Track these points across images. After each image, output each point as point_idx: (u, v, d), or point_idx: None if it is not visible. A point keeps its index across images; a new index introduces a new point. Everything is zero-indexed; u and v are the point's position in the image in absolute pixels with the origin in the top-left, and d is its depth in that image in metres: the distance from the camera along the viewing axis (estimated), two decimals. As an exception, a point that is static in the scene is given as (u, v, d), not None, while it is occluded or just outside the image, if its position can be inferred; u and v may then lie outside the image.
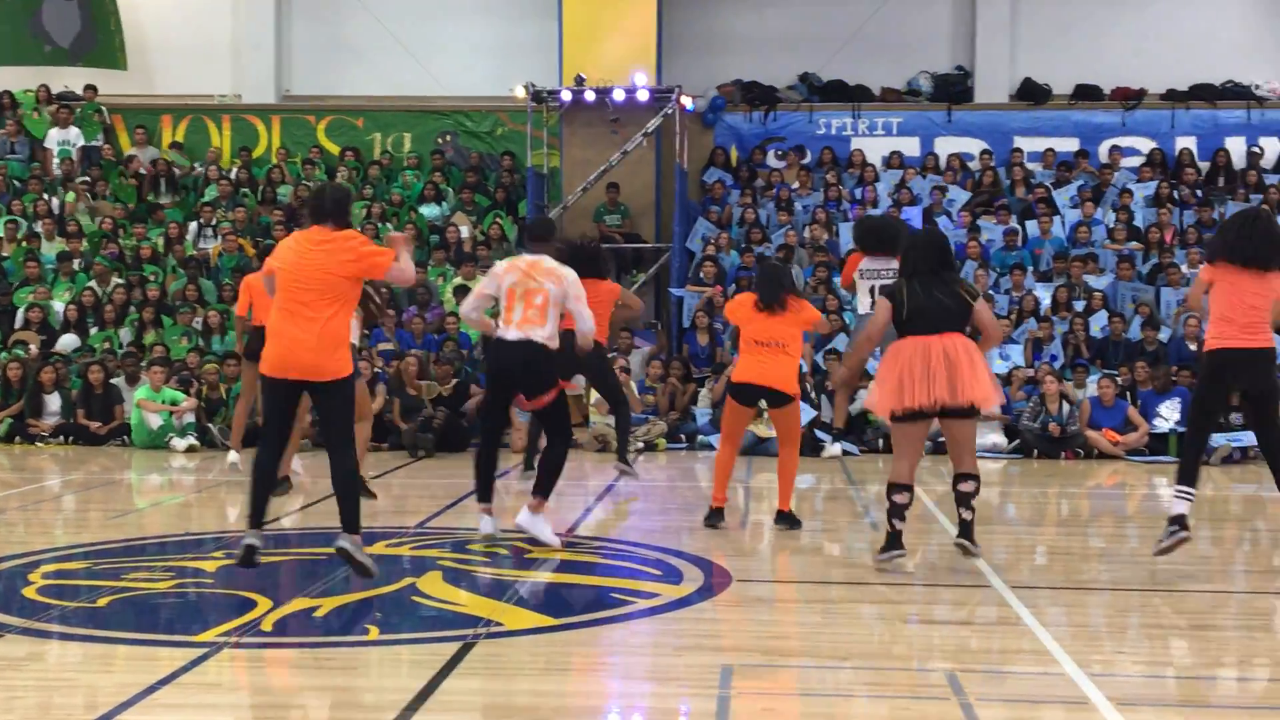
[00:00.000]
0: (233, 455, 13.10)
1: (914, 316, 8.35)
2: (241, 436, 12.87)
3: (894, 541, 8.55)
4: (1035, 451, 15.68)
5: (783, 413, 10.04)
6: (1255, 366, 8.32)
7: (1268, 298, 8.31)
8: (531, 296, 9.09)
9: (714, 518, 10.22)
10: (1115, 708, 5.73)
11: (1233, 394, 8.84)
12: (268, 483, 8.04)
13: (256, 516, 7.88)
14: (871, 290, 11.50)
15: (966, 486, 8.57)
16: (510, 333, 9.12)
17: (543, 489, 9.27)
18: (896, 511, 8.53)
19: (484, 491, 9.48)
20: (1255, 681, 6.48)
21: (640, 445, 15.97)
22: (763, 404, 10.14)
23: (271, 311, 7.83)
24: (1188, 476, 8.49)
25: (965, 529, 8.61)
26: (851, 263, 12.08)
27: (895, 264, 10.16)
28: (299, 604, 7.55)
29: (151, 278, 19.27)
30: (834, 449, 15.32)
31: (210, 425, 16.23)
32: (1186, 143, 21.26)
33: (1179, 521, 8.45)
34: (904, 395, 8.25)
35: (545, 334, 9.09)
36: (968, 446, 8.58)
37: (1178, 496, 8.50)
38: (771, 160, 21.74)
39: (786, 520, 10.17)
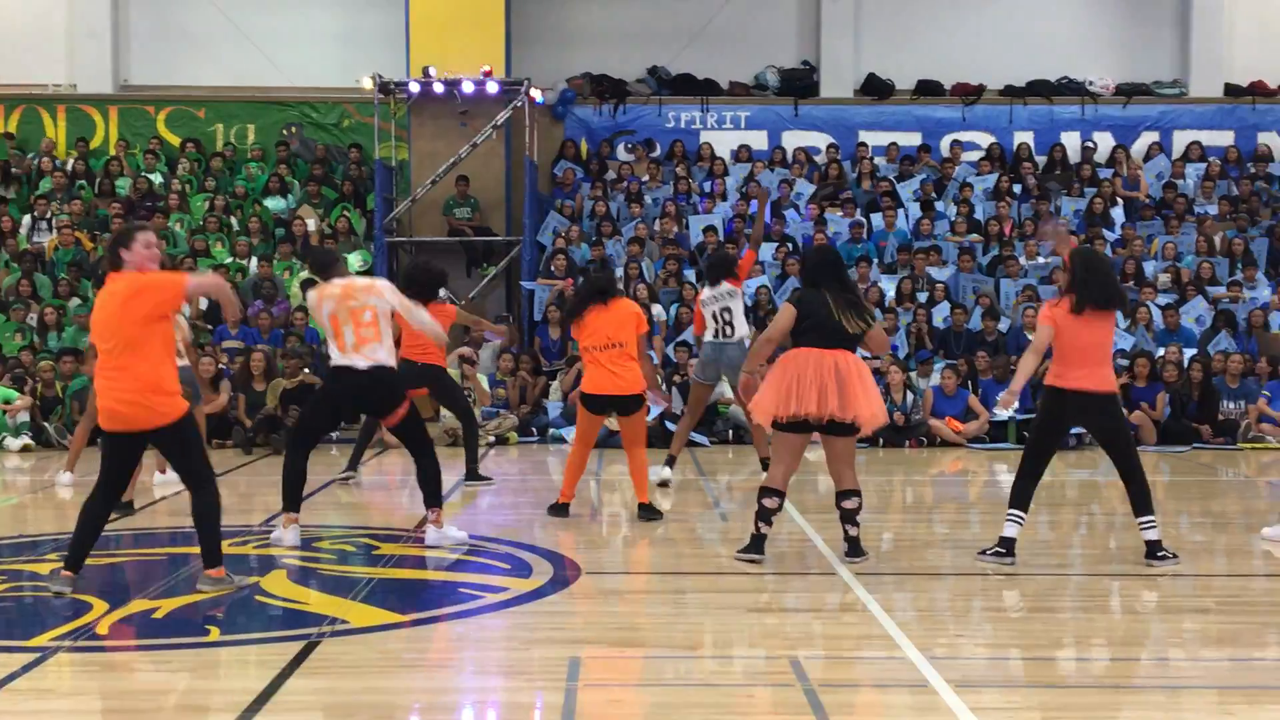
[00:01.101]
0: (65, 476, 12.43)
1: (810, 328, 8.44)
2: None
3: (756, 545, 8.65)
4: (881, 440, 15.93)
5: (630, 420, 10.30)
6: (1100, 408, 8.51)
7: (1110, 337, 8.58)
8: (358, 315, 8.92)
9: (558, 511, 10.44)
10: (955, 690, 5.84)
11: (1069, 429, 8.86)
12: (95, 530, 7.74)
13: (74, 561, 7.64)
14: (714, 316, 11.99)
15: (850, 504, 8.70)
16: (357, 361, 8.90)
17: (434, 500, 9.21)
18: (764, 515, 8.60)
19: (291, 502, 9.21)
20: (1094, 661, 6.66)
21: (491, 439, 15.89)
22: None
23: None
24: (1020, 501, 8.65)
25: (854, 546, 8.73)
26: (745, 264, 12.40)
27: (728, 288, 11.60)
28: (137, 606, 7.36)
29: (-17, 273, 18.64)
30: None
31: (46, 424, 15.74)
32: (1024, 137, 21.84)
33: (1006, 546, 8.64)
34: (791, 403, 8.32)
35: (386, 351, 8.98)
36: (848, 462, 8.68)
37: (1009, 519, 8.66)
38: (621, 153, 21.78)
39: (647, 511, 10.35)
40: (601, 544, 9.71)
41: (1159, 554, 8.63)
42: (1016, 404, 8.83)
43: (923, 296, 18.34)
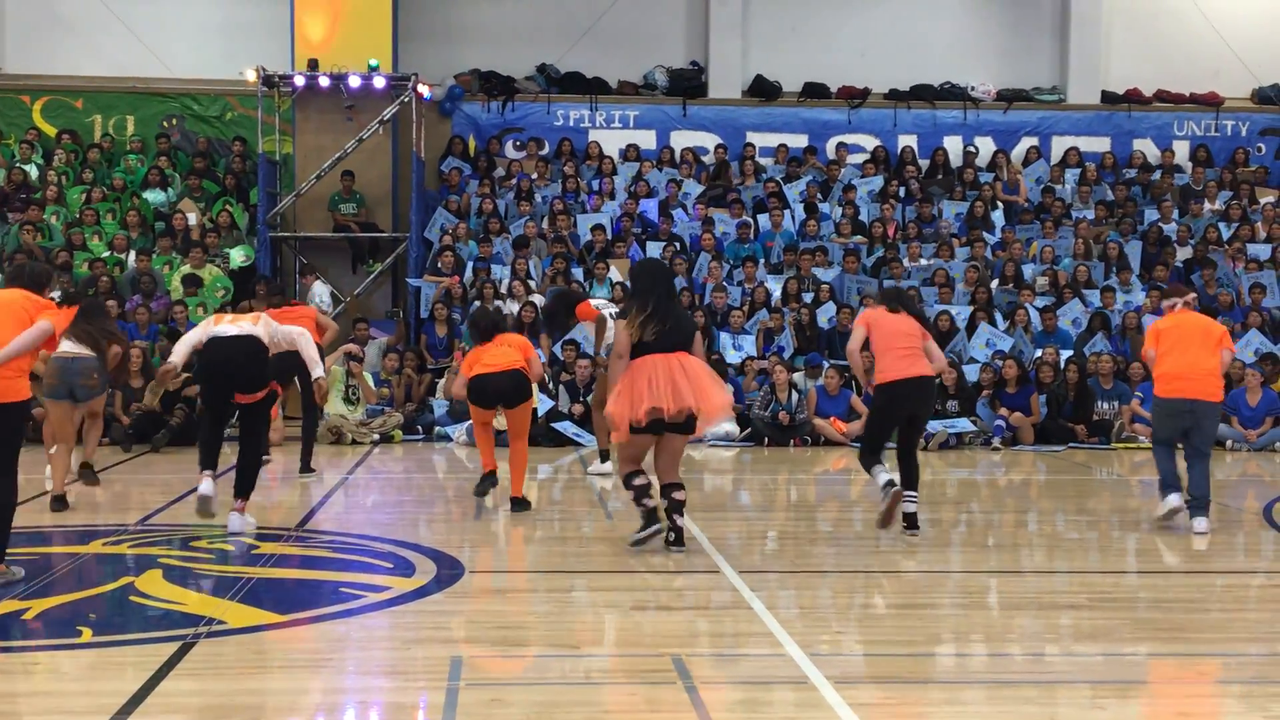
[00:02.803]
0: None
1: (655, 336, 8.81)
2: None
3: (650, 518, 8.92)
4: (766, 439, 16.05)
5: (515, 412, 10.67)
6: (922, 392, 9.73)
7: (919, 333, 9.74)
8: (239, 319, 9.75)
9: (486, 483, 10.75)
10: (835, 686, 5.89)
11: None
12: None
13: None
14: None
15: (680, 495, 9.06)
16: (227, 330, 9.52)
17: (245, 490, 9.57)
18: (642, 491, 8.92)
19: (207, 459, 9.56)
20: (973, 657, 6.75)
21: (376, 437, 15.75)
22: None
23: None
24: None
25: (679, 536, 9.02)
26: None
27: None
28: (7, 606, 7.16)
29: None
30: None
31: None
32: (908, 141, 22.12)
33: (890, 484, 9.58)
34: (647, 404, 8.62)
35: (262, 333, 9.57)
36: (679, 459, 9.14)
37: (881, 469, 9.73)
38: (510, 151, 21.68)
39: (520, 504, 10.59)
40: (485, 542, 9.65)
41: (915, 526, 9.66)
42: None
43: (808, 297, 18.50)
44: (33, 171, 20.31)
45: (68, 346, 10.04)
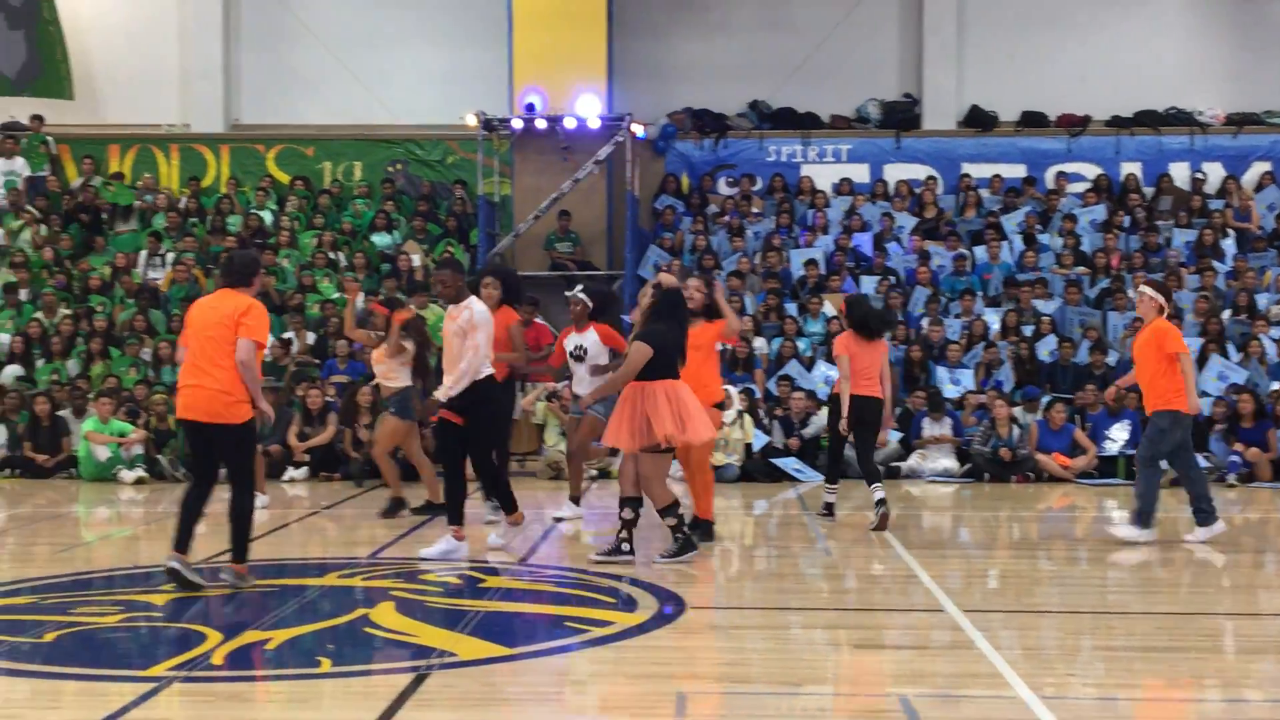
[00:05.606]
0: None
1: (662, 363, 9.50)
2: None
3: (687, 544, 9.77)
4: (986, 475, 15.76)
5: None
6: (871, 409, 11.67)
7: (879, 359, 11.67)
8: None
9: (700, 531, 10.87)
10: (1068, 730, 5.76)
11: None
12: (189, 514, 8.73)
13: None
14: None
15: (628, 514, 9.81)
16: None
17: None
18: (679, 522, 9.71)
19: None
20: (1208, 703, 6.52)
21: (594, 473, 15.96)
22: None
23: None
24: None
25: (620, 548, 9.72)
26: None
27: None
28: (250, 637, 7.48)
29: (99, 308, 19.10)
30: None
31: (159, 457, 16.08)
32: (1132, 168, 21.53)
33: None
34: (687, 429, 9.42)
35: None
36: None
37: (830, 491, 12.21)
38: (722, 187, 21.83)
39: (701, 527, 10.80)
40: (705, 578, 9.70)
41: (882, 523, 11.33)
42: (1127, 436, 9.55)
43: (1028, 330, 18.14)
44: (267, 217, 21.24)
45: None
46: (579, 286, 12.12)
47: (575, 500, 12.25)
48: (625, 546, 9.73)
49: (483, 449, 10.11)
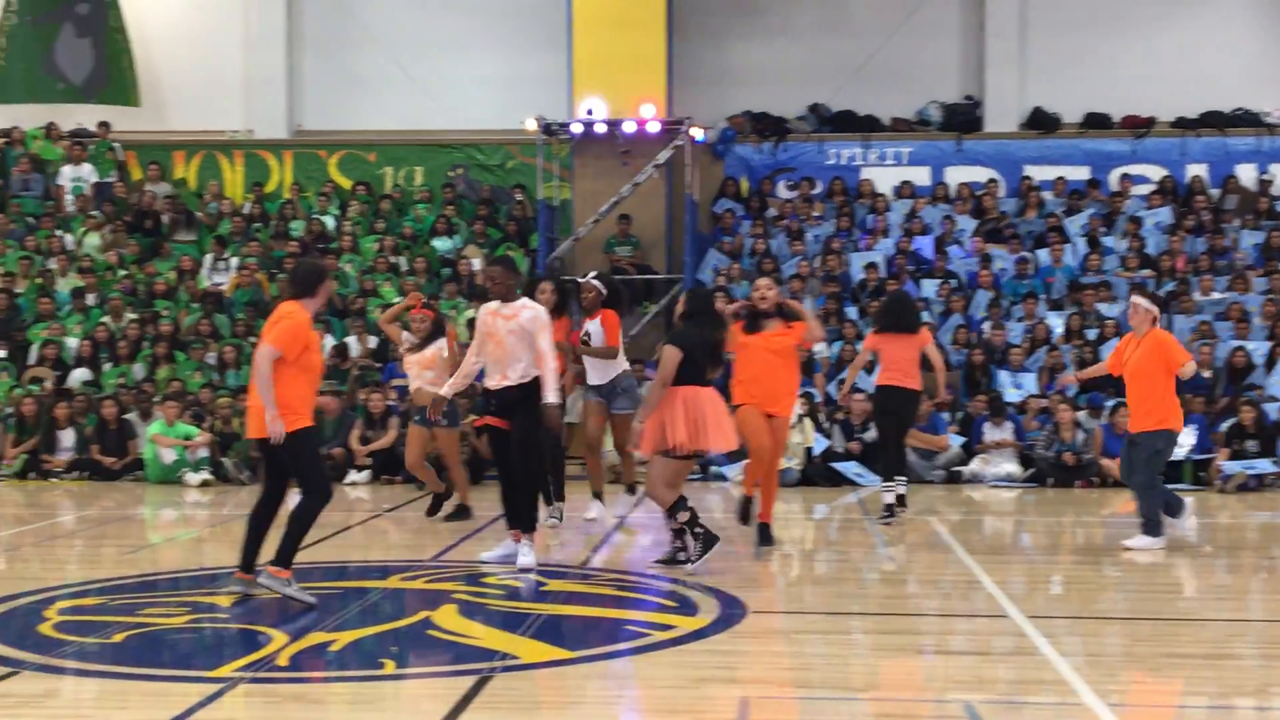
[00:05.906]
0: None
1: (692, 369, 9.35)
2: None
3: (708, 541, 9.44)
4: (1050, 480, 15.63)
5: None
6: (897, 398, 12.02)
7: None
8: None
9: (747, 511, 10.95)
10: (1135, 738, 5.70)
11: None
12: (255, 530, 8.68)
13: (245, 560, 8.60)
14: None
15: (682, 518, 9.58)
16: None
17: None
18: (693, 519, 9.41)
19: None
20: (1276, 711, 6.44)
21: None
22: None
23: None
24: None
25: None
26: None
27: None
28: (314, 638, 7.54)
29: (165, 313, 19.34)
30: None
31: (224, 459, 16.25)
32: (1197, 170, 21.27)
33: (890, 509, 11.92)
34: (699, 437, 9.27)
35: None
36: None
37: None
38: (782, 191, 21.78)
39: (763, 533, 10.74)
40: (766, 582, 9.68)
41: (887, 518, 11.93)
42: (1194, 441, 9.46)
43: (1092, 333, 17.96)
44: (329, 222, 21.42)
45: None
46: (592, 273, 12.15)
47: (598, 496, 12.33)
48: (681, 555, 9.58)
49: (532, 450, 9.89)
